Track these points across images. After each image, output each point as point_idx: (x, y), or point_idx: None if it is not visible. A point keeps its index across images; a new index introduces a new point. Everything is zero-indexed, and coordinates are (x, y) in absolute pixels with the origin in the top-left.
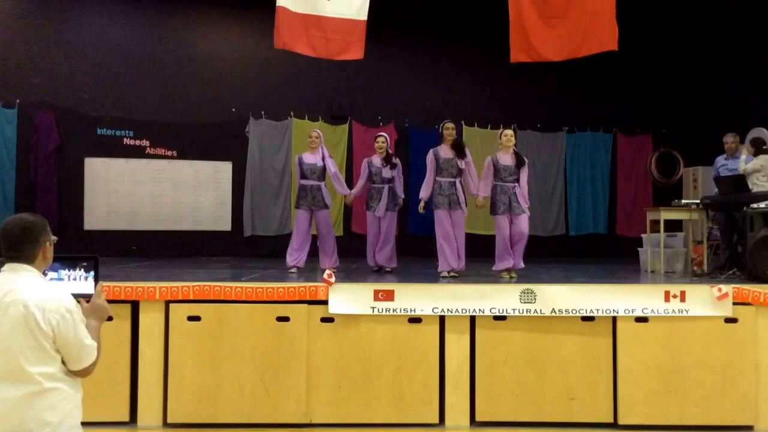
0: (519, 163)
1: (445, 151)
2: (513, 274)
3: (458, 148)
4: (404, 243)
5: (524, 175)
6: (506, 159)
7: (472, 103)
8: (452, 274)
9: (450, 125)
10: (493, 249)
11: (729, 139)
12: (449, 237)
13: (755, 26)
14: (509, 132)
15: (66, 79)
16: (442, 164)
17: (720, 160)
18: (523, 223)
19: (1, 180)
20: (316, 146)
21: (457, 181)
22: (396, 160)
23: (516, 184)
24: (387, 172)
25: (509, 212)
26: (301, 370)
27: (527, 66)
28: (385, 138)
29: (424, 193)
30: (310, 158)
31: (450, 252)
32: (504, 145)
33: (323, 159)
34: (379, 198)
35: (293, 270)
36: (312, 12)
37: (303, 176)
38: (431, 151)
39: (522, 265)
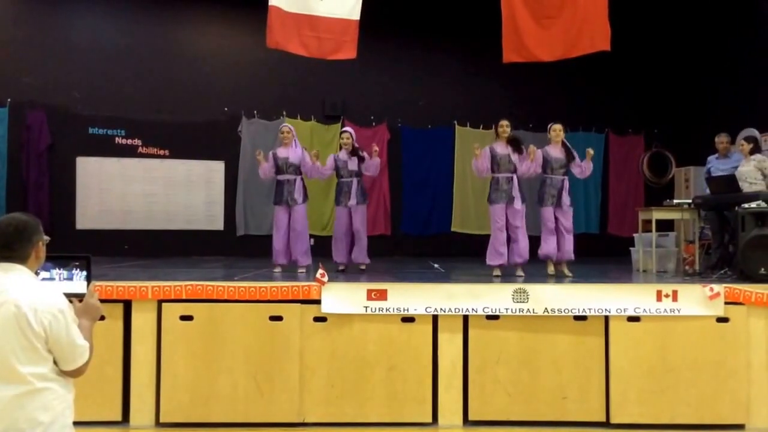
0: (569, 156)
1: (501, 147)
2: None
3: (515, 143)
4: (398, 242)
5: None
6: (556, 152)
7: (464, 103)
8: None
9: (505, 122)
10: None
11: (723, 139)
12: (501, 230)
13: (747, 27)
14: (558, 126)
15: (57, 78)
16: (499, 160)
17: (711, 160)
18: (570, 216)
19: None
20: (289, 141)
21: (514, 176)
22: (363, 153)
23: (565, 178)
24: (353, 164)
25: (556, 206)
26: (294, 369)
27: (520, 66)
28: (350, 134)
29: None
30: (284, 152)
31: (500, 245)
32: (553, 140)
33: (296, 154)
34: (348, 191)
35: (278, 269)
36: (304, 11)
37: (279, 171)
38: (487, 147)
39: (572, 257)
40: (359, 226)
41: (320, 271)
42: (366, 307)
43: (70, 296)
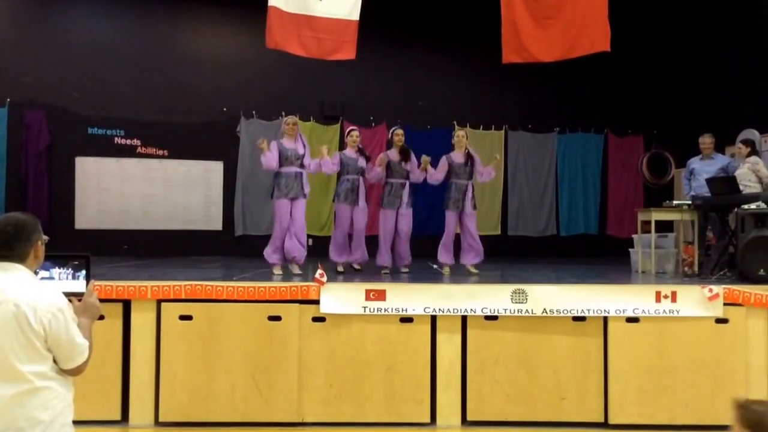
0: (471, 161)
1: (393, 154)
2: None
3: (404, 153)
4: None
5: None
6: (459, 158)
7: (463, 104)
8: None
9: (399, 132)
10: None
11: (707, 140)
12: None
13: (747, 27)
14: (461, 133)
15: (56, 78)
16: (392, 166)
17: (694, 161)
18: (475, 220)
19: None
20: (293, 133)
21: (407, 183)
22: (368, 154)
23: (470, 182)
24: (362, 162)
25: (461, 210)
26: (292, 369)
27: (519, 67)
28: (359, 133)
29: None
30: (290, 143)
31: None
32: (456, 146)
33: (304, 147)
34: (356, 189)
35: (279, 272)
36: (304, 12)
37: (283, 163)
38: (383, 153)
39: (480, 259)
40: (362, 225)
41: (319, 271)
42: (364, 308)
43: (69, 295)
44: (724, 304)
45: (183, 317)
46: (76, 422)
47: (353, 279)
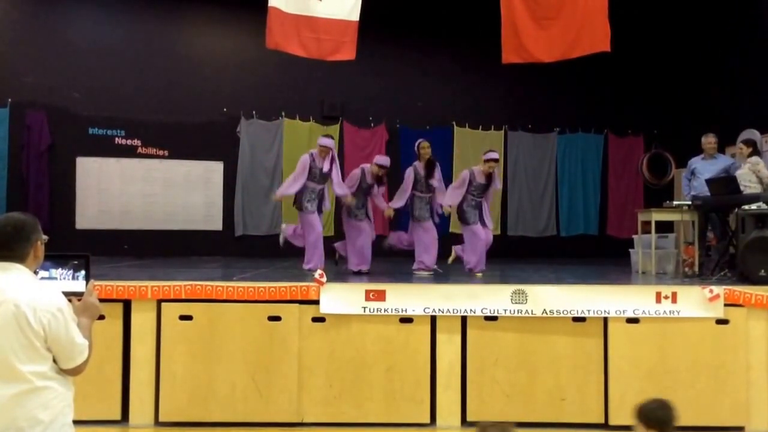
0: (490, 183)
1: (421, 168)
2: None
3: (429, 166)
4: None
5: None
6: (482, 178)
7: (463, 104)
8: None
9: (425, 144)
10: None
11: (711, 140)
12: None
13: (748, 28)
14: (493, 164)
15: (58, 79)
16: (420, 179)
17: (696, 161)
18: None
19: None
20: (326, 155)
21: (429, 197)
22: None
23: (483, 200)
24: (375, 190)
25: (483, 224)
26: (292, 369)
27: (519, 67)
28: (387, 168)
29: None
30: (321, 161)
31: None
32: (484, 170)
33: (332, 165)
34: (362, 207)
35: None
36: (304, 13)
37: (312, 178)
38: (411, 167)
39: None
40: (372, 236)
41: (319, 271)
42: (364, 308)
43: (69, 295)
44: (725, 305)
45: (183, 317)
46: (76, 422)
47: (353, 279)
